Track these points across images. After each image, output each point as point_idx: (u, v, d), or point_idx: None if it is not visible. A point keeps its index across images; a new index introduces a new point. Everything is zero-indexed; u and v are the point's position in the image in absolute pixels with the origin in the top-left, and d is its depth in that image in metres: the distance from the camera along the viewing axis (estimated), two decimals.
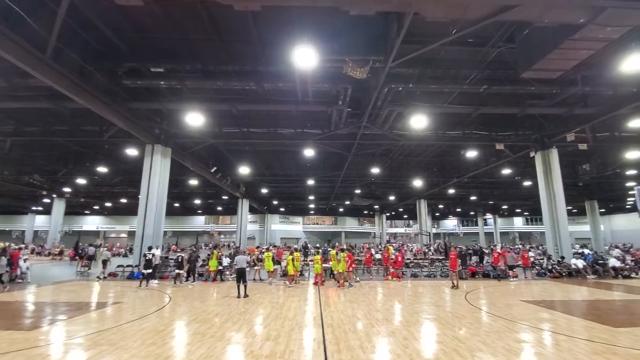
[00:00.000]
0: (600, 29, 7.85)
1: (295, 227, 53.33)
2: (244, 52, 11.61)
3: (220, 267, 16.03)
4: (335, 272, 14.77)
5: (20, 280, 14.83)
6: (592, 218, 35.24)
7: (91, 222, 53.03)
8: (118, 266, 17.32)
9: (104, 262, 17.07)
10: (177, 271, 14.84)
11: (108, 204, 42.78)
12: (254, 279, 15.49)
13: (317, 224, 55.19)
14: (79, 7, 9.23)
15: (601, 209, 38.80)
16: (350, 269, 14.25)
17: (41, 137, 16.73)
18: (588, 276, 16.37)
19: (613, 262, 17.58)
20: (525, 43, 9.80)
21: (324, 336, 6.70)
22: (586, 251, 22.23)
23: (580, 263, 16.96)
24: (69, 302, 10.39)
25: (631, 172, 23.61)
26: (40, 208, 43.43)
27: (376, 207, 47.89)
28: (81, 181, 26.67)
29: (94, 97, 11.68)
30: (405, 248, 27.59)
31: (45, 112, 14.87)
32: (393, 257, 17.15)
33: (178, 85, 12.56)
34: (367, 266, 17.21)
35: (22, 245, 29.94)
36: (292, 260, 14.54)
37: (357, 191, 34.34)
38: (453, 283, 13.52)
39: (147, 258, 14.07)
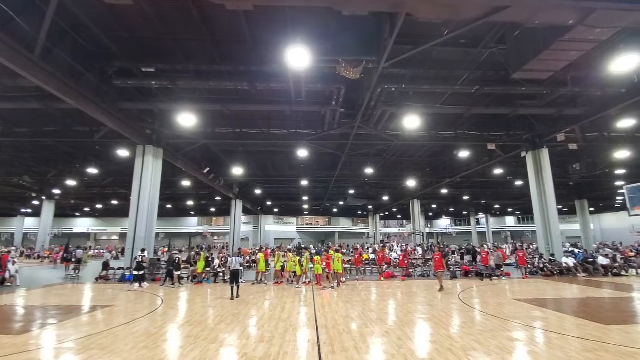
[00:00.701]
0: (589, 30, 7.95)
1: (289, 228, 53.22)
2: (236, 52, 11.54)
3: (221, 269, 15.99)
4: (329, 272, 14.82)
5: (9, 284, 14.57)
6: (582, 217, 35.73)
7: (81, 224, 52.31)
8: (109, 268, 17.08)
9: (105, 264, 16.99)
10: (175, 272, 14.79)
11: (99, 206, 42.29)
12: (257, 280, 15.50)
13: (311, 224, 55.16)
14: (68, 6, 9.10)
15: (591, 208, 39.37)
16: (328, 270, 14.33)
17: (30, 137, 16.44)
18: (578, 274, 16.58)
19: (601, 259, 17.86)
20: (516, 44, 9.89)
21: (318, 337, 6.68)
22: (576, 250, 22.58)
23: (570, 261, 17.19)
24: (58, 306, 10.22)
25: (620, 171, 24.01)
26: (29, 210, 42.74)
27: (370, 207, 48.03)
28: (71, 182, 26.27)
29: (83, 97, 11.51)
30: (403, 248, 27.50)
31: (34, 112, 14.62)
32: (394, 256, 17.23)
33: (169, 85, 12.45)
34: (356, 266, 17.15)
35: (13, 248, 29.48)
36: (299, 261, 14.70)
37: (351, 191, 34.40)
38: (441, 285, 12.73)
39: (137, 260, 13.99)
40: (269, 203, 44.77)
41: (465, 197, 39.02)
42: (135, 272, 13.80)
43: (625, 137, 18.01)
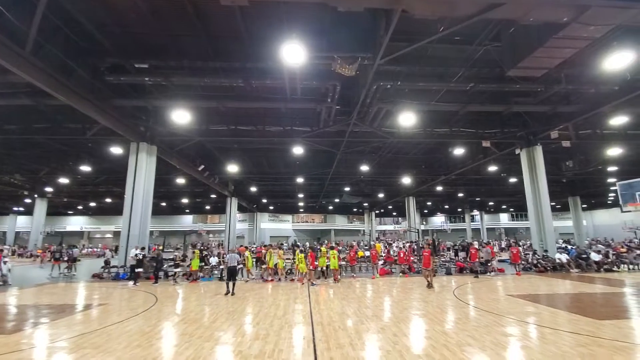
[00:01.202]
0: (583, 28, 7.99)
1: (285, 226, 53.18)
2: (231, 48, 11.45)
3: (221, 267, 16.02)
4: (314, 268, 14.88)
5: (1, 283, 14.40)
6: (575, 213, 36.11)
7: (75, 223, 51.80)
8: (103, 267, 16.98)
9: (107, 262, 17.09)
10: (174, 270, 14.76)
11: (92, 204, 41.94)
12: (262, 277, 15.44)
13: (307, 222, 55.16)
14: (60, 1, 8.97)
15: (584, 205, 39.78)
16: (313, 267, 14.39)
17: (21, 135, 16.18)
18: (571, 270, 16.75)
19: (594, 256, 18.05)
20: (510, 41, 9.92)
21: (313, 334, 6.67)
22: (569, 246, 22.79)
23: (564, 257, 17.35)
24: (51, 305, 10.11)
25: (612, 168, 24.26)
26: (21, 208, 42.31)
27: (365, 204, 48.16)
28: (64, 180, 26.00)
29: (75, 93, 11.37)
30: (398, 244, 27.45)
31: (25, 109, 14.40)
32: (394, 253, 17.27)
33: (164, 81, 12.34)
34: (350, 264, 17.14)
35: (6, 247, 29.14)
36: (305, 258, 14.69)
37: (347, 189, 34.42)
38: (428, 282, 12.55)
39: (138, 258, 13.97)
40: (264, 201, 44.66)
41: (460, 195, 39.28)
42: (138, 270, 13.86)
43: (617, 134, 18.19)
